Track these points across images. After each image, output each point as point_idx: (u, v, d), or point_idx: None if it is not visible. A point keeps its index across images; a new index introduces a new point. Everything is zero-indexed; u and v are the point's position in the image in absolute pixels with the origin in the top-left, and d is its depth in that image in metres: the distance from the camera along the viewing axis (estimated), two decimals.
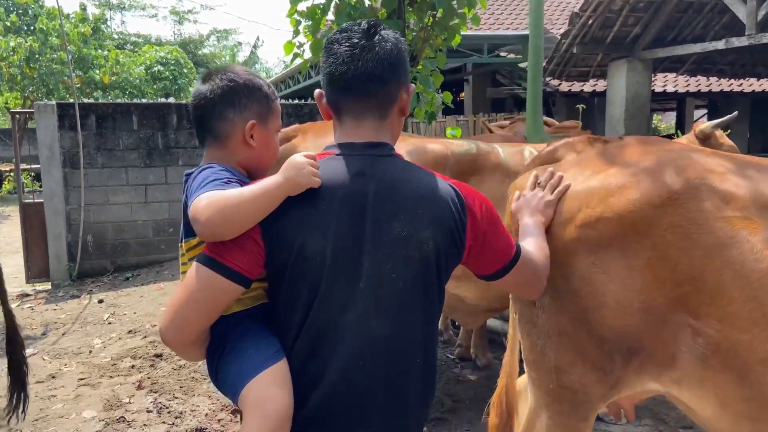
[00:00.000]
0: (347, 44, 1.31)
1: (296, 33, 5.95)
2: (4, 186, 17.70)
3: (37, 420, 3.81)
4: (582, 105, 5.63)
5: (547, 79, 9.43)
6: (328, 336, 1.24)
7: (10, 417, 3.36)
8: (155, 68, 22.32)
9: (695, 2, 8.15)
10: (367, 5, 5.61)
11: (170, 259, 8.41)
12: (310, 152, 1.33)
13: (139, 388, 4.18)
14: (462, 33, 6.05)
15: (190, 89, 23.96)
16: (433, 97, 6.14)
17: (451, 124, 8.61)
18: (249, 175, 1.45)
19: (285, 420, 1.22)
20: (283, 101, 9.32)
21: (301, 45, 6.02)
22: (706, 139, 2.99)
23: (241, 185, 1.30)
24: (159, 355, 4.81)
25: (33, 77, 18.50)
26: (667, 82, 11.94)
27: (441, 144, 2.85)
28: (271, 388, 1.22)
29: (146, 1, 33.73)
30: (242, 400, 1.23)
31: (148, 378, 4.34)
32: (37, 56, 18.27)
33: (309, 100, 9.25)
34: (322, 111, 1.41)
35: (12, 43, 17.72)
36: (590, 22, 8.21)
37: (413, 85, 1.55)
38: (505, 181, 3.00)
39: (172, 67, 22.82)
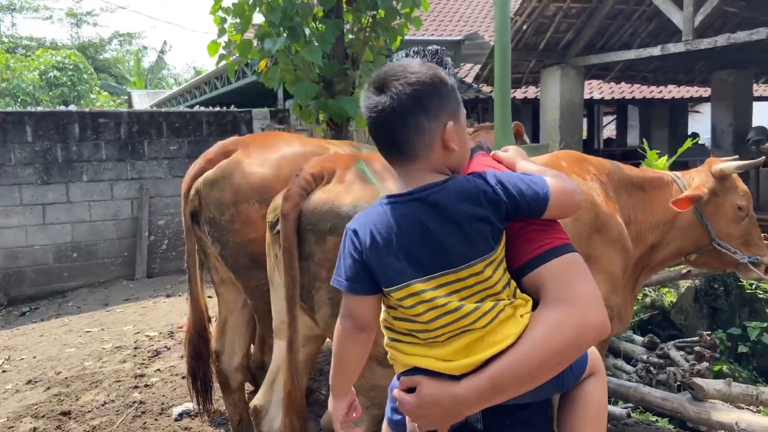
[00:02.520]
0: None
1: (222, 32, 5.29)
2: None
3: None
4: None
5: (480, 85, 9.23)
6: None
7: None
8: (51, 73, 20.52)
9: (626, 9, 8.18)
10: (298, 2, 5.05)
11: (74, 288, 7.43)
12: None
13: None
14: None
15: (92, 96, 22.28)
16: None
17: None
18: None
19: None
20: (202, 109, 8.53)
21: (227, 45, 5.38)
22: (724, 179, 2.77)
23: None
24: (66, 413, 4.00)
25: None
26: (592, 90, 12.14)
27: None
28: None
29: (39, 2, 31.18)
30: (593, 354, 1.29)
31: None
32: None
33: (232, 107, 8.53)
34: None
35: None
36: (524, 27, 8.05)
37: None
38: None
39: (70, 73, 21.07)
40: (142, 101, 21.50)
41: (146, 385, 4.34)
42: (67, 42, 30.03)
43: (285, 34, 4.87)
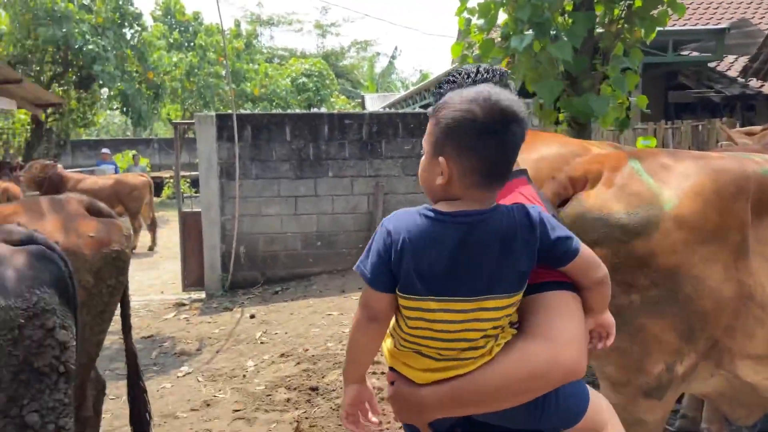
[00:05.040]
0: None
1: (466, 33, 5.34)
2: (164, 191, 18.92)
3: None
4: None
5: (748, 80, 8.01)
6: None
7: None
8: (300, 80, 22.98)
9: None
10: None
11: (317, 273, 8.16)
12: None
13: (297, 430, 3.74)
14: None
15: (332, 99, 24.52)
16: (624, 101, 5.23)
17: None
18: None
19: None
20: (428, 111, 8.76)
21: (470, 46, 5.42)
22: None
23: None
24: (315, 389, 4.38)
25: (192, 90, 19.72)
26: None
27: (735, 161, 2.05)
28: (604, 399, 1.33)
29: (293, 16, 35.27)
30: (598, 414, 1.25)
31: (306, 418, 3.89)
32: (195, 70, 19.44)
33: None
34: None
35: (174, 59, 18.97)
36: None
37: None
38: None
39: (315, 79, 23.40)
40: (374, 104, 23.02)
41: (383, 373, 4.56)
42: (313, 51, 33.53)
43: (531, 31, 4.73)
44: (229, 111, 8.06)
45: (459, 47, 5.47)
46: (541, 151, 2.82)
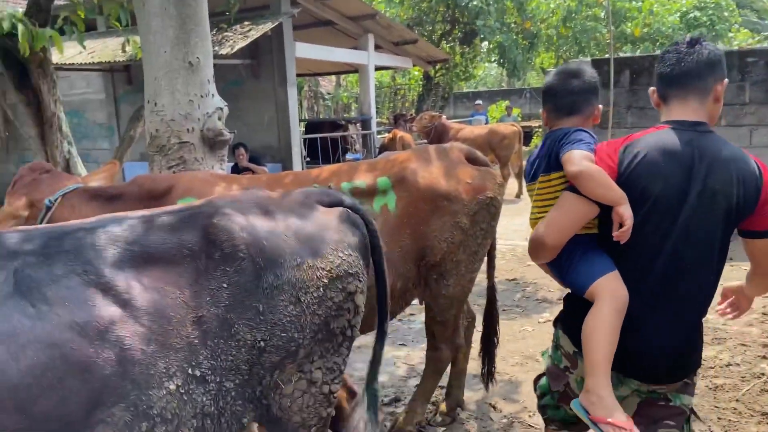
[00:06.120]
0: (675, 53, 1.85)
1: None
2: (532, 141, 19.25)
3: None
4: None
5: None
6: (651, 254, 1.83)
7: (486, 383, 3.50)
8: (691, 14, 20.25)
9: None
10: None
11: None
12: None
13: None
14: None
15: (729, 35, 21.05)
16: None
17: None
18: None
19: (625, 308, 1.81)
20: None
21: None
22: None
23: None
24: None
25: (567, 36, 19.34)
26: None
27: None
28: (619, 283, 1.82)
29: None
30: (596, 289, 1.82)
31: None
32: (573, 15, 18.94)
33: None
34: (654, 103, 1.94)
35: (552, 5, 18.81)
36: None
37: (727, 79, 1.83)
38: None
39: (710, 12, 20.30)
40: None
41: None
42: None
43: None
44: (606, 56, 7.60)
45: None
46: None
